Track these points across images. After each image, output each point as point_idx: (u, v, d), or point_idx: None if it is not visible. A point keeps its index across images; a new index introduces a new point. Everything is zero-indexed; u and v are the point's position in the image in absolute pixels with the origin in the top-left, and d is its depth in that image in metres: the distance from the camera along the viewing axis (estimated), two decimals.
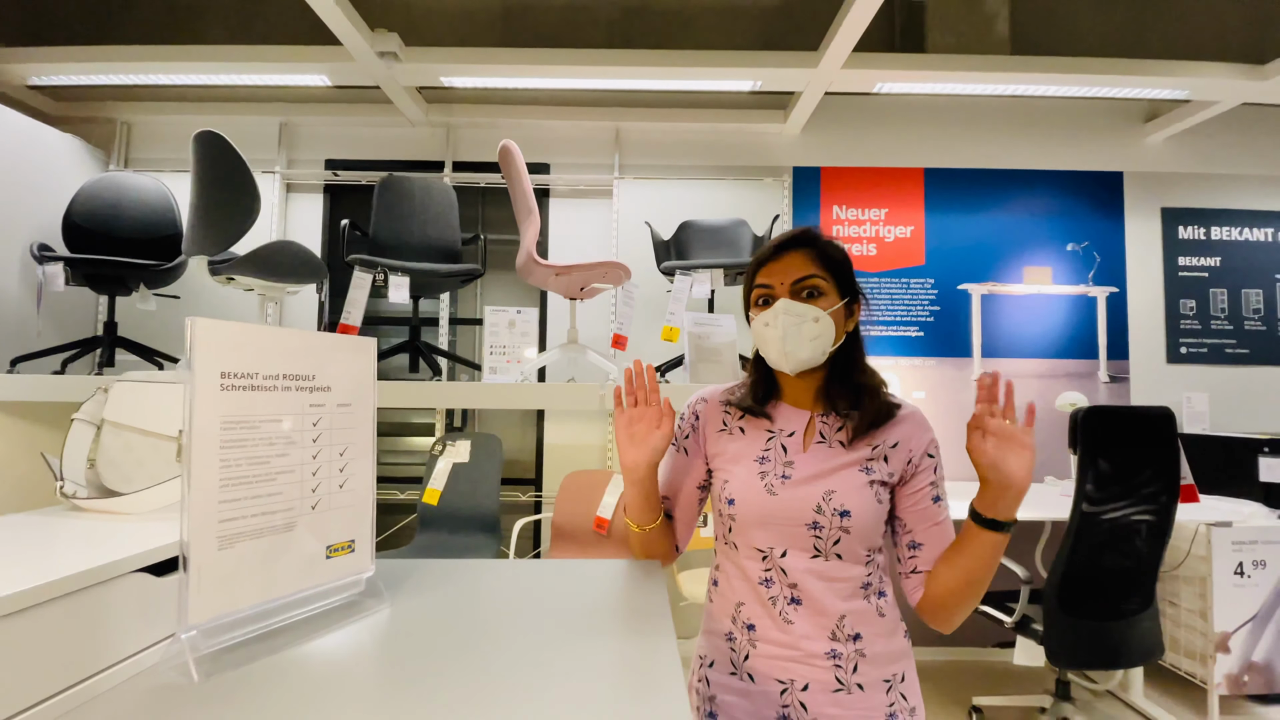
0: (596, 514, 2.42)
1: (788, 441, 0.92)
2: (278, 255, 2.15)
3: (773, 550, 0.89)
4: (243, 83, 2.62)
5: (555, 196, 2.86)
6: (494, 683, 0.59)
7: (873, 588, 0.89)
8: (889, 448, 0.89)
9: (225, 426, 0.64)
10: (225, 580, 0.62)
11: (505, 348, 2.16)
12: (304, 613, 0.71)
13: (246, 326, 0.67)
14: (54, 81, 2.56)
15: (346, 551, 0.76)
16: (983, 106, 2.93)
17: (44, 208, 2.40)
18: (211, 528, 0.61)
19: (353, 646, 0.67)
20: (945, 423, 2.82)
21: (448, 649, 0.66)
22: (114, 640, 0.57)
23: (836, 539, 0.86)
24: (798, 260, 0.90)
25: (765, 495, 0.89)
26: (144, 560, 0.61)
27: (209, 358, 0.62)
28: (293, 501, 0.70)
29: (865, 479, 0.87)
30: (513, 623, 0.74)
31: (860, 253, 2.91)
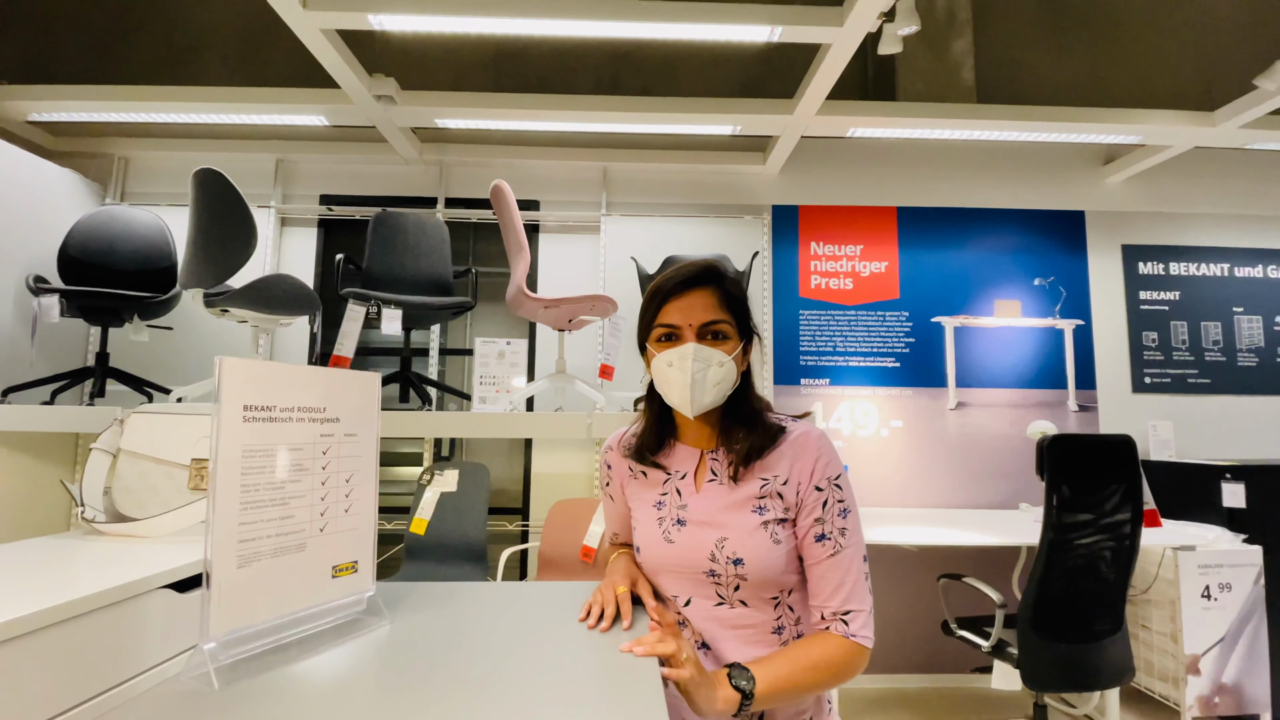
0: (583, 543, 2.44)
1: (681, 484, 0.91)
2: (272, 288, 2.21)
3: (677, 598, 0.89)
4: (241, 121, 2.71)
5: (545, 232, 2.96)
6: (486, 695, 0.64)
7: (786, 632, 0.86)
8: (780, 484, 0.86)
9: (246, 455, 0.69)
10: (243, 596, 0.67)
11: (495, 378, 2.22)
12: (312, 628, 0.76)
13: (267, 364, 0.73)
14: (53, 117, 2.63)
15: (351, 571, 0.81)
16: (951, 149, 3.10)
17: (41, 240, 2.44)
18: (232, 547, 0.67)
19: (357, 660, 0.72)
20: (922, 450, 2.91)
21: (444, 663, 0.71)
22: (141, 650, 0.62)
23: (736, 585, 0.85)
24: (704, 300, 0.88)
25: (663, 543, 0.90)
26: (170, 578, 0.66)
27: (234, 392, 0.69)
28: (304, 524, 0.76)
29: (758, 520, 0.85)
30: (504, 640, 0.79)
31: (837, 287, 3.03)
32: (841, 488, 0.86)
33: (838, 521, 0.84)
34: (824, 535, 0.84)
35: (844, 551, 0.84)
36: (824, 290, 3.02)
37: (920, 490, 2.89)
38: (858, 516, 0.87)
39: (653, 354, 0.90)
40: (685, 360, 0.86)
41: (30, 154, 2.52)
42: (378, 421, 0.87)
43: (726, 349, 0.88)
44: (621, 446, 0.99)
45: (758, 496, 0.86)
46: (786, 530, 0.85)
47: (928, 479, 2.91)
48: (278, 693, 0.62)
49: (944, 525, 2.45)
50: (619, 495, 1.01)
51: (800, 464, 0.86)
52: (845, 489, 0.87)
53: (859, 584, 0.83)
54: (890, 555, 2.69)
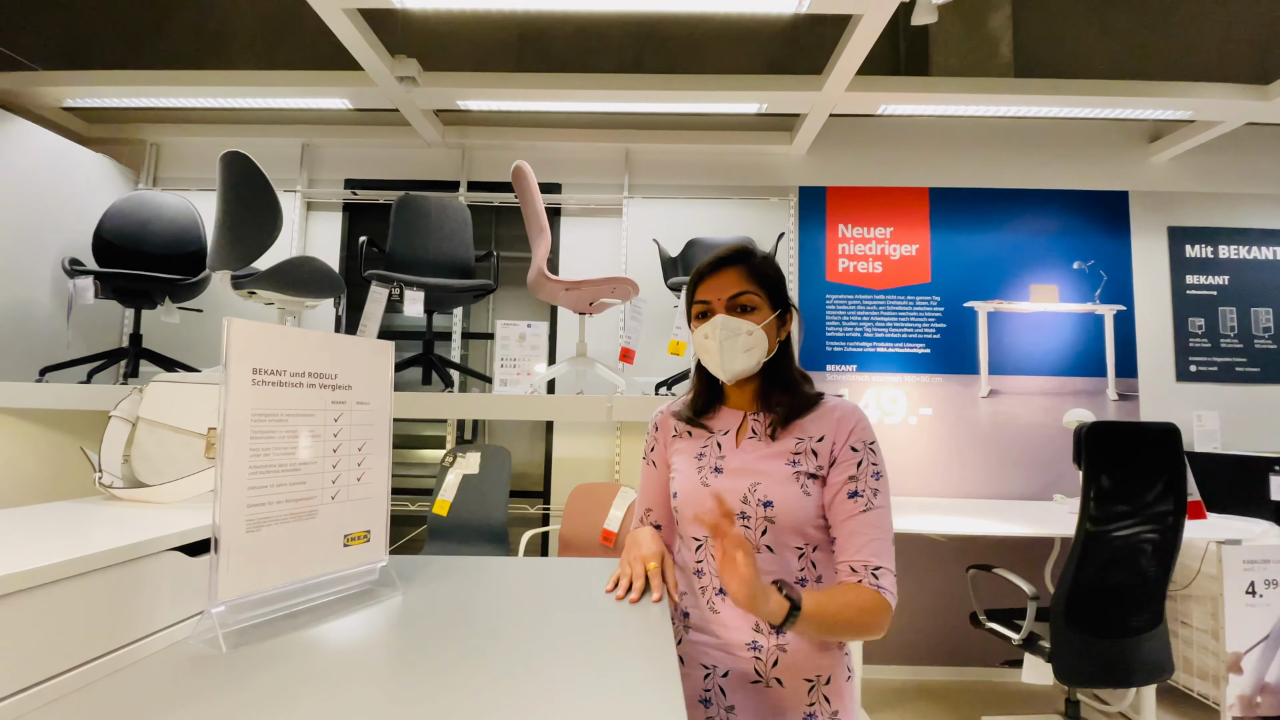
0: (604, 526, 2.44)
1: (723, 440, 0.98)
2: (298, 270, 2.23)
3: (706, 540, 0.94)
4: (267, 105, 2.73)
5: (566, 215, 2.93)
6: (497, 665, 0.62)
7: (809, 585, 0.91)
8: (815, 441, 0.92)
9: (255, 418, 0.68)
10: (252, 561, 0.67)
11: (515, 361, 2.21)
12: (323, 596, 0.76)
13: (276, 327, 0.72)
14: (87, 103, 2.68)
15: (363, 540, 0.81)
16: (987, 127, 2.99)
17: (75, 224, 2.50)
18: (241, 512, 0.66)
19: (367, 628, 0.71)
20: (952, 438, 2.83)
21: (455, 634, 0.69)
22: (150, 612, 0.62)
23: (764, 529, 0.90)
24: (732, 277, 0.95)
25: (699, 486, 0.96)
26: (178, 540, 0.66)
27: (242, 355, 0.68)
28: (315, 491, 0.75)
29: (790, 470, 0.91)
30: (517, 613, 0.77)
31: (866, 270, 2.95)
32: (875, 453, 0.91)
33: (871, 482, 0.89)
34: (857, 492, 0.88)
35: (875, 510, 0.88)
36: (852, 274, 2.95)
37: (949, 479, 2.82)
38: (888, 486, 0.91)
39: (693, 329, 0.98)
40: (715, 330, 0.93)
41: (66, 140, 2.58)
42: (390, 391, 0.86)
43: (755, 319, 0.93)
44: (671, 411, 1.07)
45: (793, 451, 0.92)
46: (817, 486, 0.90)
47: (957, 468, 2.83)
48: (285, 658, 0.62)
49: (973, 515, 2.38)
50: (660, 460, 1.06)
51: (837, 428, 0.92)
52: (879, 456, 0.91)
53: (888, 545, 0.87)
54: (917, 545, 2.62)
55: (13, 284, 2.33)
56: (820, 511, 0.90)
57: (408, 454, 3.03)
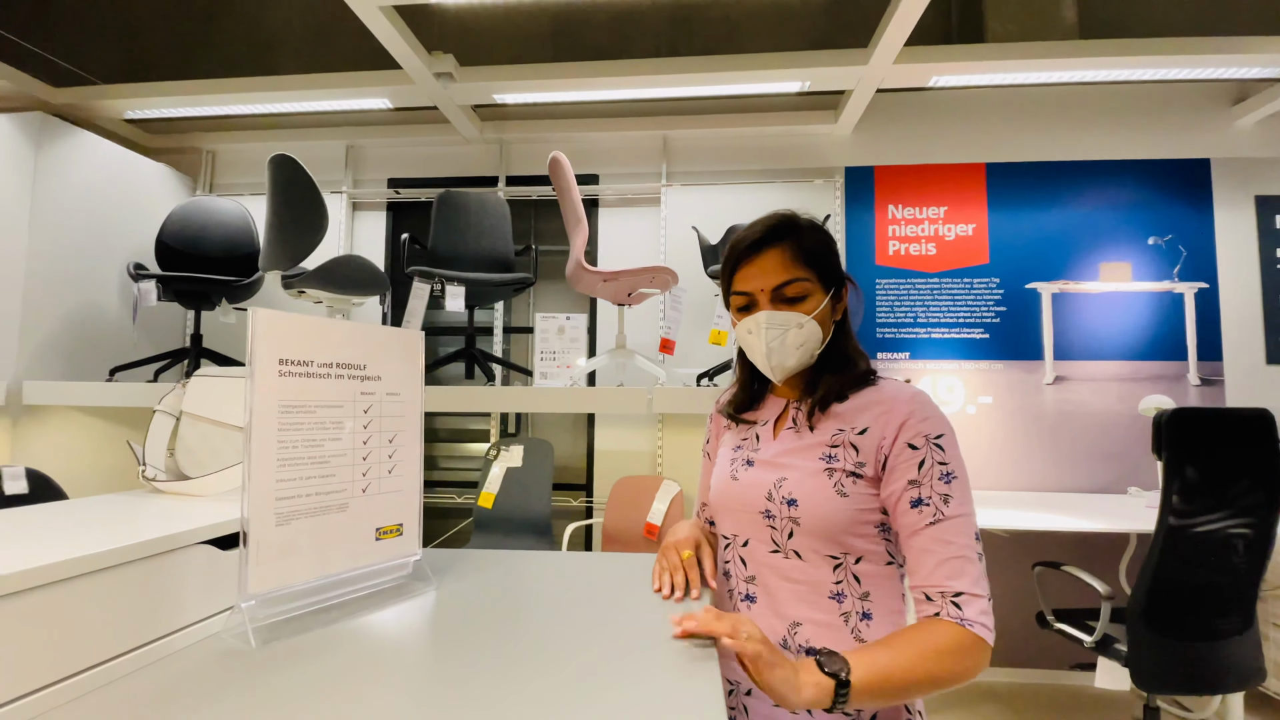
0: (647, 520, 2.41)
1: (761, 430, 0.90)
2: (343, 269, 2.27)
3: (735, 538, 0.87)
4: (313, 109, 2.80)
5: (604, 206, 2.90)
6: (528, 662, 0.59)
7: (848, 602, 0.77)
8: (856, 433, 0.79)
9: (283, 410, 0.67)
10: (282, 555, 0.66)
11: (555, 353, 2.20)
12: (354, 591, 0.75)
13: (303, 318, 0.71)
14: (147, 115, 2.81)
15: (395, 534, 0.79)
16: (1049, 96, 2.79)
17: (139, 230, 2.63)
18: (270, 505, 0.65)
19: (398, 624, 0.69)
20: (1015, 428, 2.68)
21: (488, 630, 0.67)
22: (183, 606, 0.62)
23: (789, 532, 0.80)
24: (776, 260, 0.82)
25: (729, 480, 0.88)
26: (209, 534, 0.65)
27: (268, 346, 0.67)
28: (345, 484, 0.73)
29: (821, 466, 0.79)
30: (551, 608, 0.74)
31: (918, 252, 2.81)
32: (944, 449, 0.75)
33: (939, 486, 0.74)
34: (921, 500, 0.74)
35: (948, 522, 0.72)
36: (903, 256, 2.82)
37: (1012, 472, 2.66)
38: (967, 488, 0.75)
39: (735, 320, 0.88)
40: (760, 328, 0.83)
41: (128, 150, 2.71)
42: (421, 382, 0.85)
43: (806, 308, 0.82)
44: (720, 404, 1.00)
45: (829, 444, 0.80)
46: (859, 487, 0.77)
47: (1020, 459, 2.67)
48: (315, 654, 0.60)
49: (1039, 509, 2.24)
50: (714, 453, 0.99)
51: (888, 417, 0.78)
52: (950, 453, 0.76)
53: (971, 563, 0.71)
54: None
55: (83, 289, 2.47)
56: (866, 517, 0.77)
57: (454, 447, 3.07)
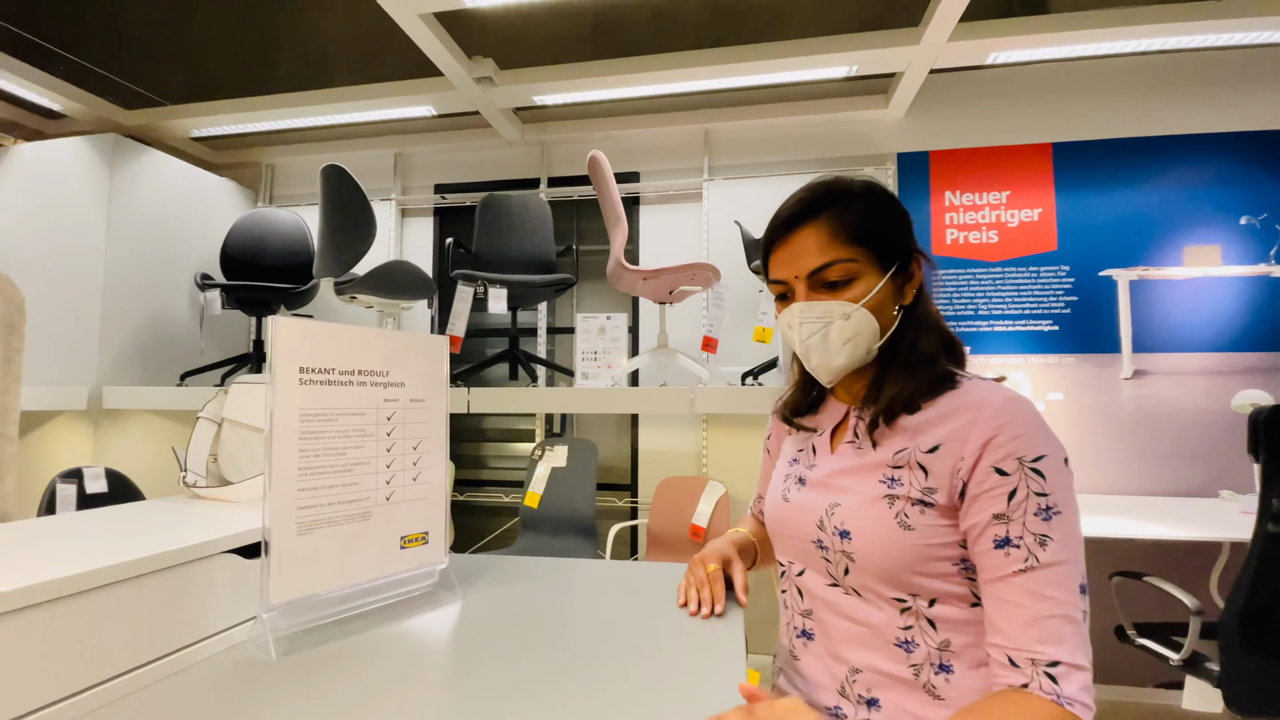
0: (692, 522, 2.37)
1: (818, 442, 0.77)
2: (391, 274, 2.33)
3: (791, 565, 0.76)
4: (363, 119, 2.88)
5: (645, 204, 2.87)
6: (556, 682, 0.57)
7: (920, 652, 0.64)
8: (924, 452, 0.64)
9: (304, 418, 0.67)
10: (304, 564, 0.66)
11: (596, 353, 2.19)
12: (379, 601, 0.74)
13: (323, 325, 0.70)
14: (212, 132, 2.96)
15: (421, 542, 0.78)
16: (1121, 67, 2.58)
17: (205, 242, 2.77)
18: (291, 514, 0.65)
19: (421, 636, 0.68)
20: (1088, 427, 2.49)
21: (513, 645, 0.65)
22: (207, 615, 0.62)
23: (844, 567, 0.67)
24: (812, 240, 0.69)
25: (780, 502, 0.77)
26: (233, 543, 0.66)
27: (288, 354, 0.66)
28: (368, 492, 0.73)
29: (881, 491, 0.65)
30: (577, 621, 0.72)
31: (979, 240, 2.65)
32: (1045, 476, 0.59)
33: (1034, 524, 0.58)
34: (1008, 540, 0.58)
35: (1043, 571, 0.57)
36: (963, 245, 2.66)
37: (1085, 473, 2.48)
38: (1074, 527, 0.59)
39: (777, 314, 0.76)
40: (793, 325, 0.71)
41: (195, 167, 2.86)
42: (446, 388, 0.84)
43: (852, 294, 0.68)
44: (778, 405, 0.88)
45: (890, 465, 0.66)
46: (929, 518, 0.63)
47: (1094, 460, 2.48)
48: (335, 665, 0.60)
49: (1116, 514, 2.07)
50: (775, 449, 0.90)
51: (968, 432, 0.62)
52: (1054, 480, 0.59)
53: (1071, 625, 0.56)
54: None
55: (156, 298, 2.62)
56: (939, 553, 0.62)
57: (502, 447, 3.11)
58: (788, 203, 0.72)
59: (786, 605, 0.77)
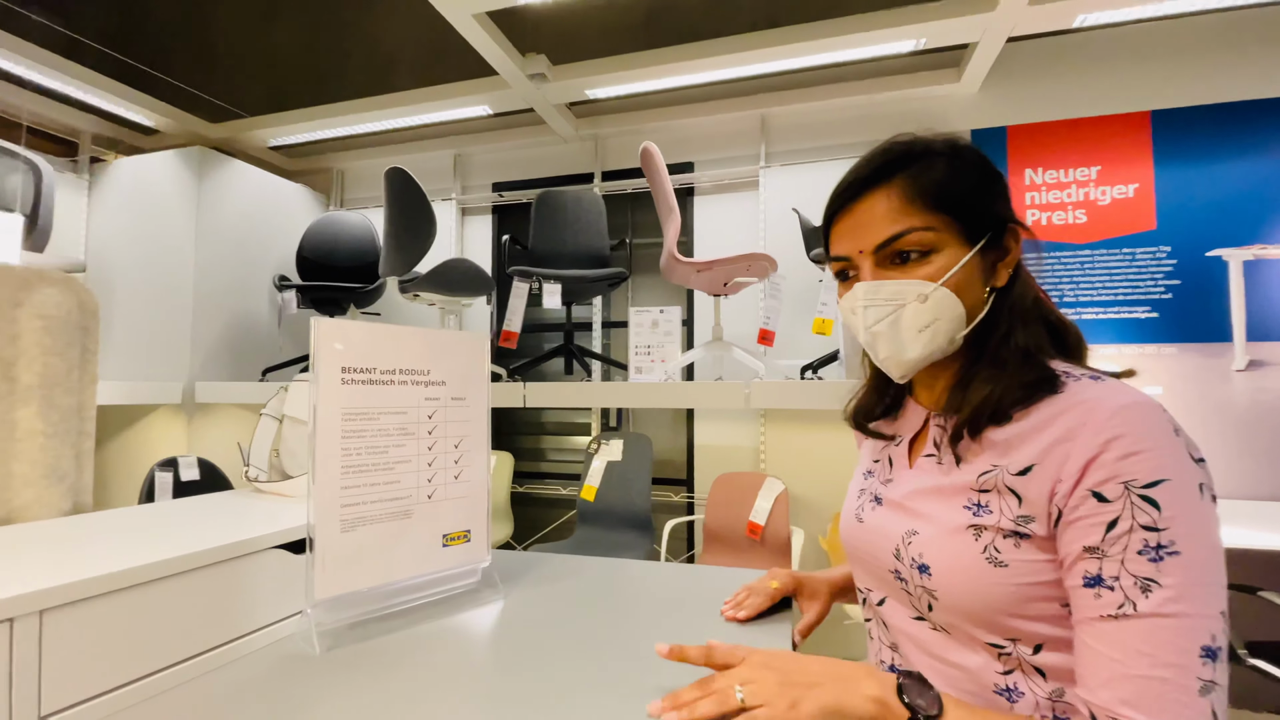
0: (749, 519, 2.31)
1: (895, 453, 0.67)
2: (451, 272, 2.39)
3: (870, 593, 0.67)
4: (424, 121, 2.96)
5: (699, 194, 2.82)
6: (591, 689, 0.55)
7: (1026, 703, 0.53)
8: (1014, 473, 0.53)
9: (346, 418, 0.68)
10: (348, 561, 0.67)
11: (649, 347, 2.16)
12: (421, 598, 0.75)
13: (364, 325, 0.71)
14: (286, 141, 3.12)
15: (463, 540, 0.79)
16: (1232, 23, 2.30)
17: (283, 245, 2.94)
18: (334, 512, 0.66)
19: (460, 634, 0.68)
20: (1195, 423, 2.26)
21: (555, 645, 0.64)
22: (255, 609, 0.65)
23: (928, 604, 0.57)
24: (881, 207, 0.59)
25: (854, 522, 0.68)
26: (281, 539, 0.68)
27: (330, 354, 0.67)
28: (410, 490, 0.74)
29: (966, 520, 0.55)
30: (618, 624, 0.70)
31: (1065, 221, 2.45)
32: (1162, 508, 0.46)
33: (1136, 564, 0.46)
34: (1099, 579, 0.48)
35: (1142, 621, 0.46)
36: (1046, 227, 2.46)
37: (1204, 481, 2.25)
38: (1202, 572, 0.46)
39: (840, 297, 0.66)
40: (856, 310, 0.61)
41: (273, 175, 3.03)
42: (488, 386, 0.83)
43: (929, 271, 0.57)
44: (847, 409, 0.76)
45: (976, 488, 0.55)
46: (1026, 552, 0.52)
47: None
48: (377, 662, 0.61)
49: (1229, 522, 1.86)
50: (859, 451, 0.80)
51: (1070, 448, 0.50)
52: (1174, 513, 0.46)
53: (1178, 691, 0.44)
54: None
55: (239, 299, 2.80)
56: (1041, 593, 0.52)
57: (560, 440, 3.15)
58: (855, 166, 0.63)
59: (872, 636, 0.68)
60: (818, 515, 2.33)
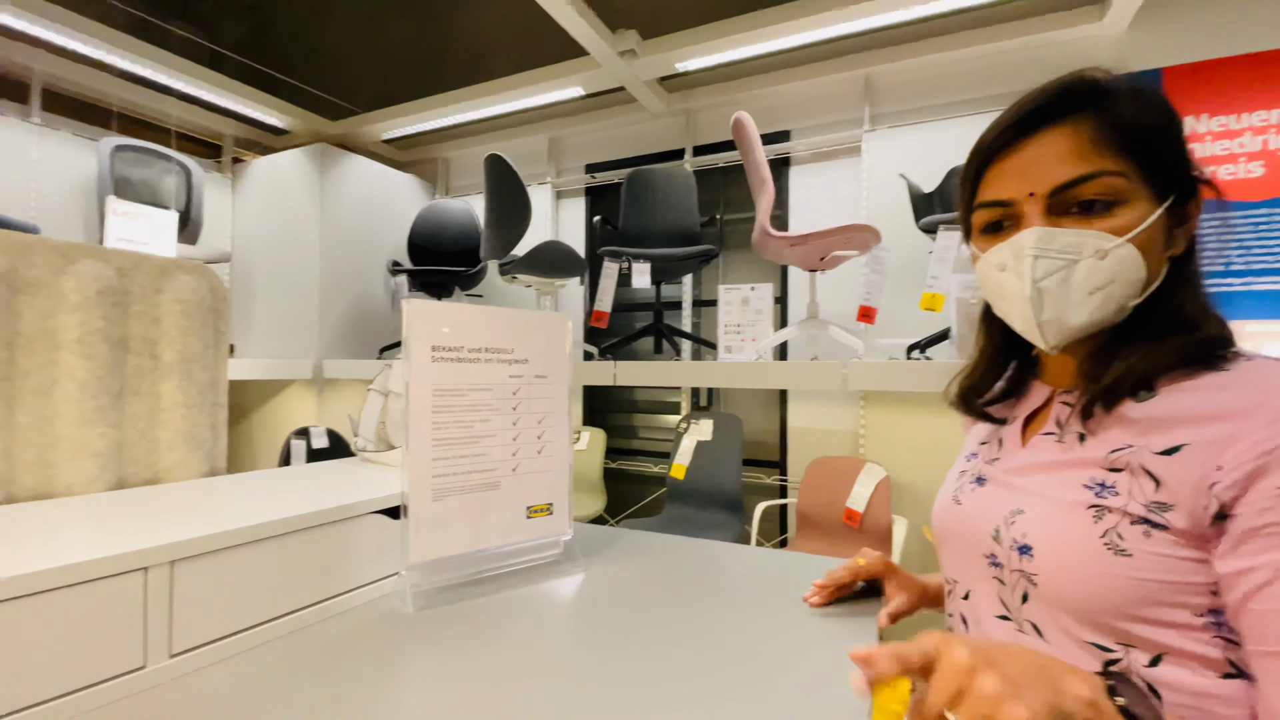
0: (847, 505, 2.22)
1: (1007, 433, 0.60)
2: (546, 254, 2.45)
3: (955, 585, 0.61)
4: (520, 107, 3.04)
5: (796, 164, 2.69)
6: (671, 658, 0.55)
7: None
8: (1157, 452, 0.46)
9: (437, 394, 0.71)
10: (438, 527, 0.70)
11: (739, 326, 2.11)
12: (506, 566, 0.78)
13: (452, 306, 0.74)
14: (396, 133, 3.32)
15: (546, 513, 0.80)
16: None
17: (396, 232, 3.14)
18: (427, 482, 0.70)
19: (545, 603, 0.70)
20: None
21: (633, 619, 0.65)
22: (356, 568, 0.70)
23: (1023, 593, 0.51)
24: (1061, 145, 0.50)
25: (950, 504, 0.62)
26: (380, 504, 0.72)
27: (421, 334, 0.70)
28: (496, 463, 0.76)
29: (1085, 499, 0.48)
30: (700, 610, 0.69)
31: (1234, 174, 2.10)
32: None
33: None
34: None
35: None
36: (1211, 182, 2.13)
37: None
38: None
39: (977, 252, 0.58)
40: (1025, 258, 0.51)
41: (385, 166, 3.24)
42: (570, 365, 0.84)
43: (1112, 225, 0.49)
44: (950, 390, 0.68)
45: (1105, 465, 0.49)
46: (1156, 544, 0.45)
47: None
48: (464, 622, 0.64)
49: None
50: None
51: (1240, 430, 0.43)
52: None
53: None
54: None
55: (359, 284, 3.04)
56: (1174, 597, 0.44)
57: (651, 418, 3.17)
58: (1024, 100, 0.53)
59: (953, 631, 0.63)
60: (924, 505, 2.19)
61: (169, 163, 2.70)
